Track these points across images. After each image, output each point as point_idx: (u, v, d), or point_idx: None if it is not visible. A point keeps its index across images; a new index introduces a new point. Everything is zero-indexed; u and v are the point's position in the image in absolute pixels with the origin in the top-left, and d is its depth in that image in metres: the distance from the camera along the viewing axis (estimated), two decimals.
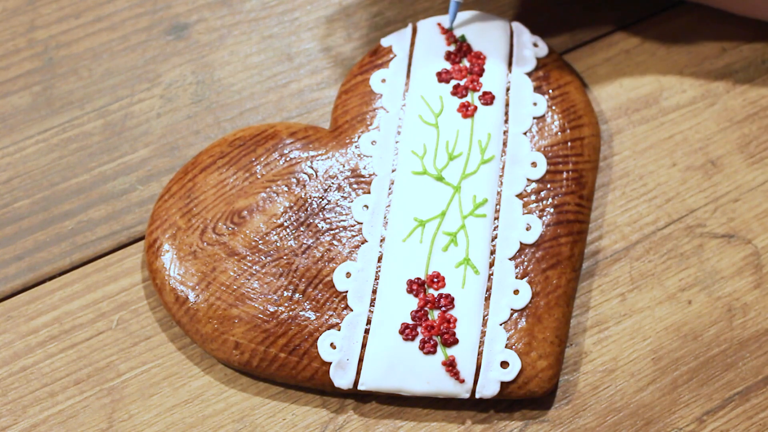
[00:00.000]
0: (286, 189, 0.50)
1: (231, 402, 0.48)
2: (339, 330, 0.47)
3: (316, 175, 0.51)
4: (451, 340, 0.46)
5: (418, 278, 0.48)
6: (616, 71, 0.56)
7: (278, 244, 0.49)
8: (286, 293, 0.48)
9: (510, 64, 0.53)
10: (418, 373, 0.46)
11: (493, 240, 0.49)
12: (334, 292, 0.48)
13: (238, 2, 0.59)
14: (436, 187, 0.50)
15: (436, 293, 0.47)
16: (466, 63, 0.53)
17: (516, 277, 0.48)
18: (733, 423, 0.47)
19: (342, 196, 0.50)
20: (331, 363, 0.47)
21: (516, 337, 0.47)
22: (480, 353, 0.47)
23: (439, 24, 0.54)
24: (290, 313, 0.48)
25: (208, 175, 0.51)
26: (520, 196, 0.50)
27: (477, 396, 0.46)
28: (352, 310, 0.48)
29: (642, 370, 0.49)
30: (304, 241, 0.49)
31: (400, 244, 0.48)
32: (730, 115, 0.55)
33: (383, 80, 0.53)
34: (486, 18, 0.54)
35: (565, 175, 0.51)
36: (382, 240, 0.49)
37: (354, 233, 0.49)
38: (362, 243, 0.49)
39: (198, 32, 0.58)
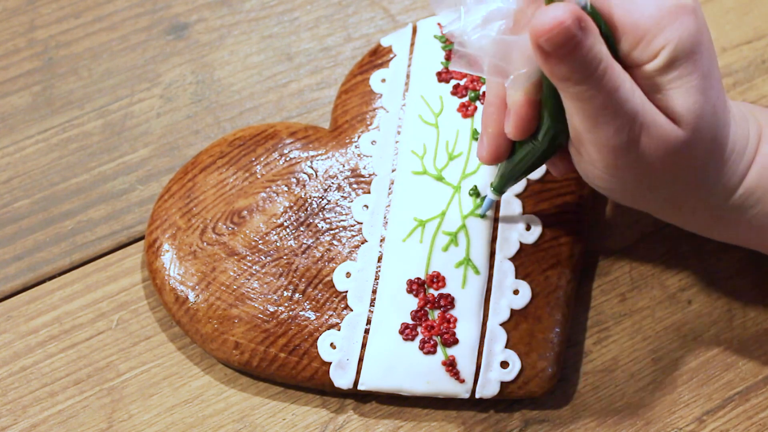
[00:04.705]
0: (286, 189, 0.50)
1: (231, 402, 0.48)
2: (339, 330, 0.47)
3: (316, 175, 0.51)
4: (451, 340, 0.46)
5: (418, 278, 0.48)
6: None
7: (278, 244, 0.49)
8: (286, 293, 0.48)
9: None
10: (418, 373, 0.46)
11: (493, 240, 0.49)
12: (334, 292, 0.48)
13: (238, 2, 0.59)
14: (436, 187, 0.50)
15: (436, 293, 0.47)
16: None
17: (516, 277, 0.48)
18: (733, 423, 0.47)
19: (342, 196, 0.50)
20: (331, 363, 0.47)
21: (516, 337, 0.47)
22: (480, 353, 0.47)
23: (439, 24, 0.54)
24: (290, 313, 0.48)
25: (208, 175, 0.51)
26: (520, 196, 0.50)
27: (477, 396, 0.46)
28: (352, 310, 0.48)
29: (642, 370, 0.49)
30: (304, 241, 0.49)
31: (400, 244, 0.48)
32: None
33: (383, 80, 0.53)
34: None
35: None
36: (382, 240, 0.49)
37: (354, 233, 0.49)
38: (362, 243, 0.49)
39: (198, 32, 0.58)
